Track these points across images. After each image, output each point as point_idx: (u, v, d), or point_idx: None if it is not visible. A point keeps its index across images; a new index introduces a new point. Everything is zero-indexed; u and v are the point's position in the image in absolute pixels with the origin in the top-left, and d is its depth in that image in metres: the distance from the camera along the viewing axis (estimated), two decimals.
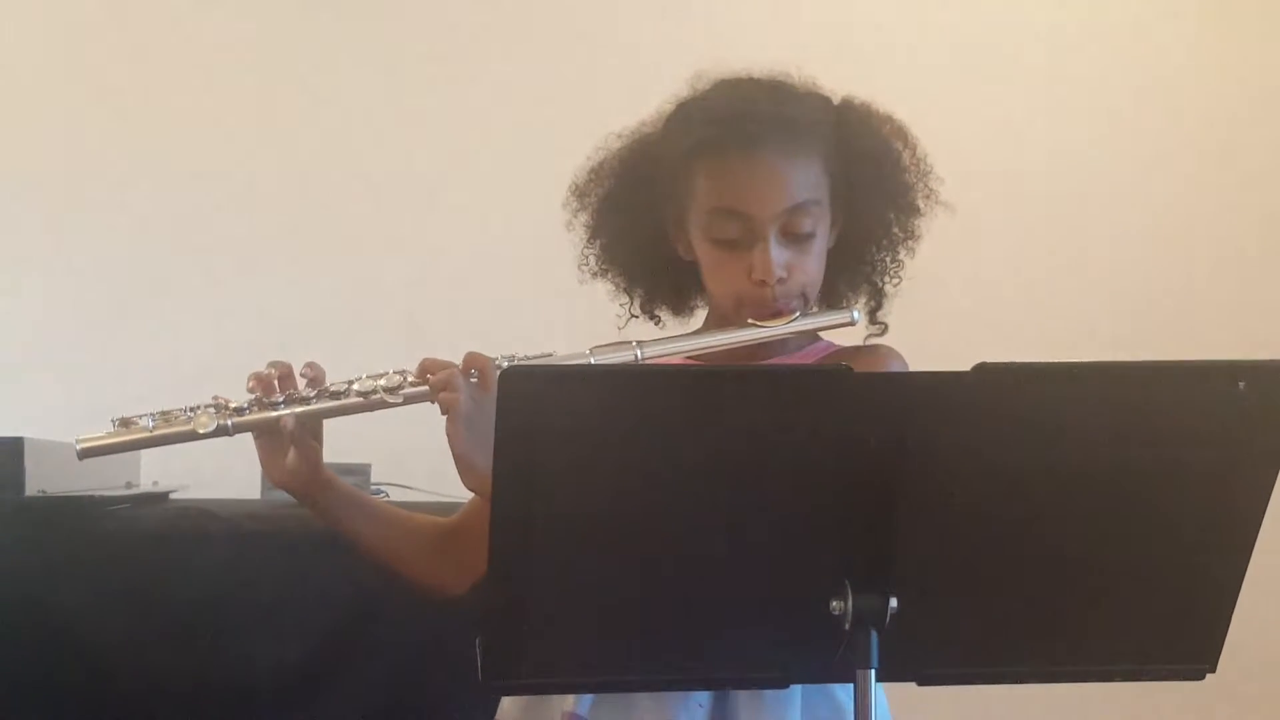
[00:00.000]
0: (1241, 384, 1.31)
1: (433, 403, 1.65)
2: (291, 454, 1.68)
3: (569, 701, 1.62)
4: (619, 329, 1.88)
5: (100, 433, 1.67)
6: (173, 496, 2.49)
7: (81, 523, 2.17)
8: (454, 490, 1.79)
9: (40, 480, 2.16)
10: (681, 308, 1.89)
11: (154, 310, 3.08)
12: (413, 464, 2.19)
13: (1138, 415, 1.33)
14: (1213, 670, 1.44)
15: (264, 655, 2.15)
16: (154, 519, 2.27)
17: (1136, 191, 3.17)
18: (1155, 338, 2.98)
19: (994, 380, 1.29)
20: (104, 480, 2.38)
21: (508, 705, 1.70)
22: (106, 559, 2.16)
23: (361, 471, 2.44)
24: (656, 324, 1.90)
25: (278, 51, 3.14)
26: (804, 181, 1.71)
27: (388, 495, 2.47)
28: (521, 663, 1.39)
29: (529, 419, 1.29)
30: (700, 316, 1.89)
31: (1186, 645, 1.42)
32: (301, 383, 1.68)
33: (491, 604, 1.36)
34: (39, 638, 2.11)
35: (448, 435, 1.61)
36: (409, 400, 1.66)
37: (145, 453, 2.59)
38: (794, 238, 1.72)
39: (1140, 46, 3.19)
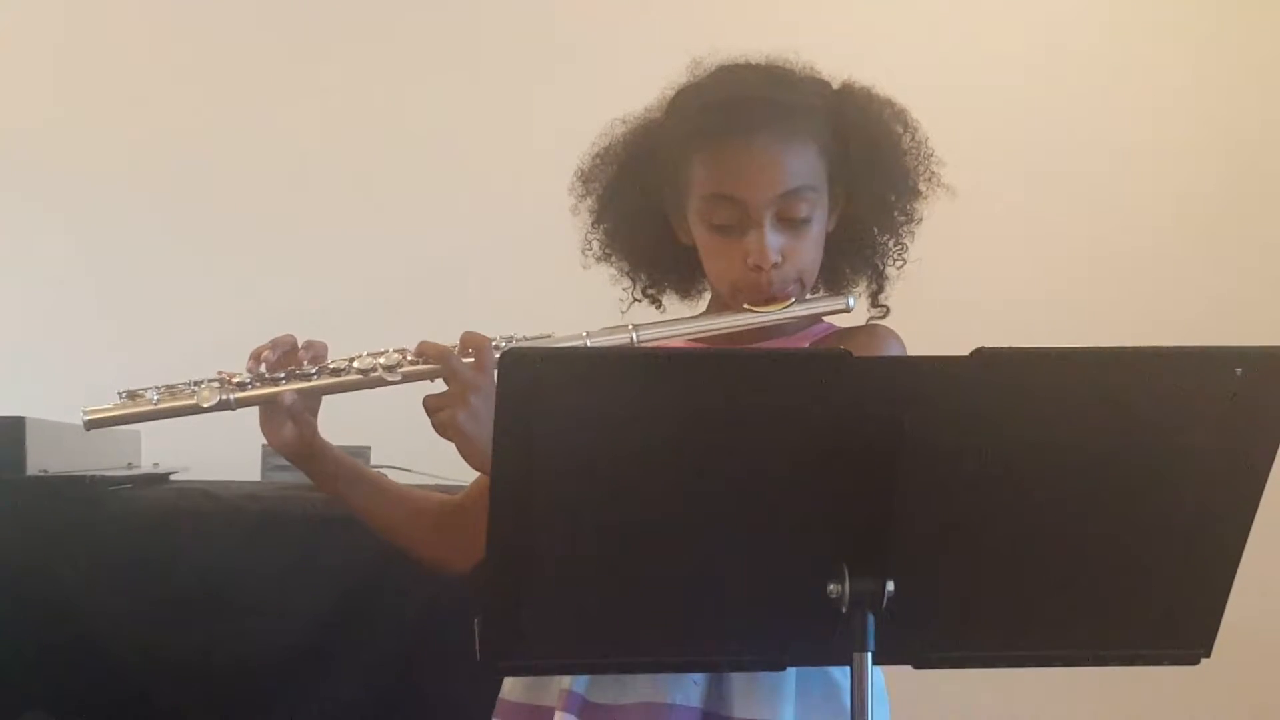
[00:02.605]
0: (1239, 370, 1.31)
1: (431, 380, 1.66)
2: (289, 424, 1.70)
3: (566, 680, 1.63)
4: (622, 313, 1.88)
5: (106, 404, 1.69)
6: (173, 477, 2.50)
7: (82, 503, 2.19)
8: (453, 473, 1.80)
9: (41, 460, 2.17)
10: (685, 292, 1.90)
11: (156, 293, 3.09)
12: (412, 446, 2.19)
13: (1135, 401, 1.33)
14: (1207, 655, 1.44)
15: (264, 634, 2.16)
16: (155, 499, 2.28)
17: (1137, 177, 3.17)
18: (1154, 323, 2.98)
19: (992, 365, 1.29)
20: (105, 461, 2.39)
21: (510, 683, 1.72)
22: (107, 539, 2.17)
23: (361, 454, 2.44)
24: (659, 308, 1.90)
25: (281, 42, 3.14)
26: (800, 167, 1.72)
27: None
28: (519, 643, 1.39)
29: (529, 401, 1.29)
30: (704, 301, 1.89)
31: (1182, 630, 1.43)
32: (304, 358, 1.69)
33: (490, 584, 1.37)
34: (39, 616, 2.12)
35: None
36: (408, 378, 1.67)
37: (146, 434, 2.62)
38: (790, 223, 1.72)
39: (1155, 31, 3.19)
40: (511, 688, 1.72)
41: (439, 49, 3.14)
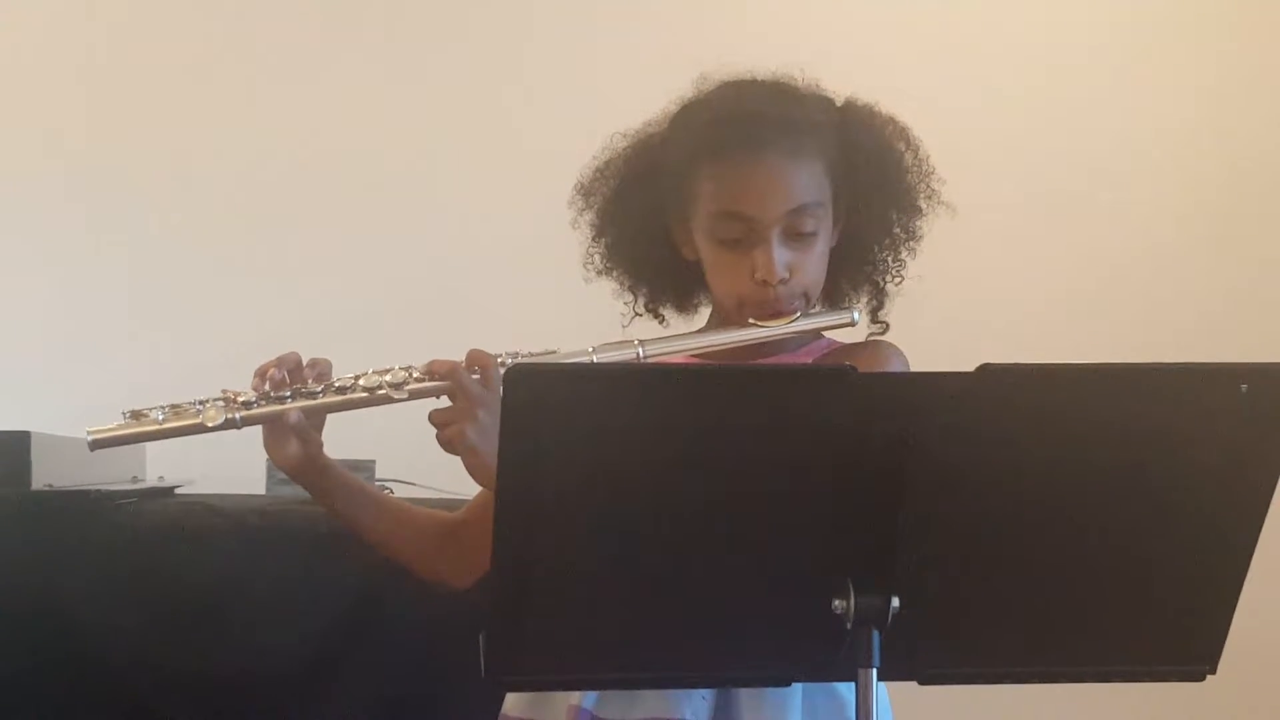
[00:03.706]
0: (1244, 386, 1.31)
1: (437, 397, 1.66)
2: (294, 442, 1.70)
3: (575, 696, 1.63)
4: (623, 327, 1.89)
5: (111, 424, 1.69)
6: (178, 491, 2.49)
7: (87, 517, 2.18)
8: (458, 487, 1.80)
9: (46, 474, 2.17)
10: (685, 307, 1.90)
11: (161, 306, 3.09)
12: (417, 460, 2.19)
13: (1140, 417, 1.33)
14: (1213, 671, 1.44)
15: (269, 649, 2.16)
16: (159, 514, 2.27)
17: (1142, 193, 3.17)
18: (1158, 340, 2.97)
19: (997, 381, 1.30)
20: (110, 475, 2.39)
21: (513, 699, 1.71)
22: (112, 553, 2.17)
23: (366, 468, 2.44)
24: (660, 322, 1.90)
25: (284, 52, 3.15)
26: (807, 183, 1.73)
27: (392, 491, 2.47)
28: (525, 658, 1.40)
29: (534, 417, 1.29)
30: (704, 315, 1.89)
31: (1187, 646, 1.43)
32: (309, 375, 1.70)
33: (495, 600, 1.37)
34: (44, 631, 2.12)
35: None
36: (414, 396, 1.68)
37: (151, 448, 2.62)
38: (796, 238, 1.73)
39: (1154, 46, 3.19)
40: (514, 703, 1.72)
41: (445, 59, 3.14)
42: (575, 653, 1.42)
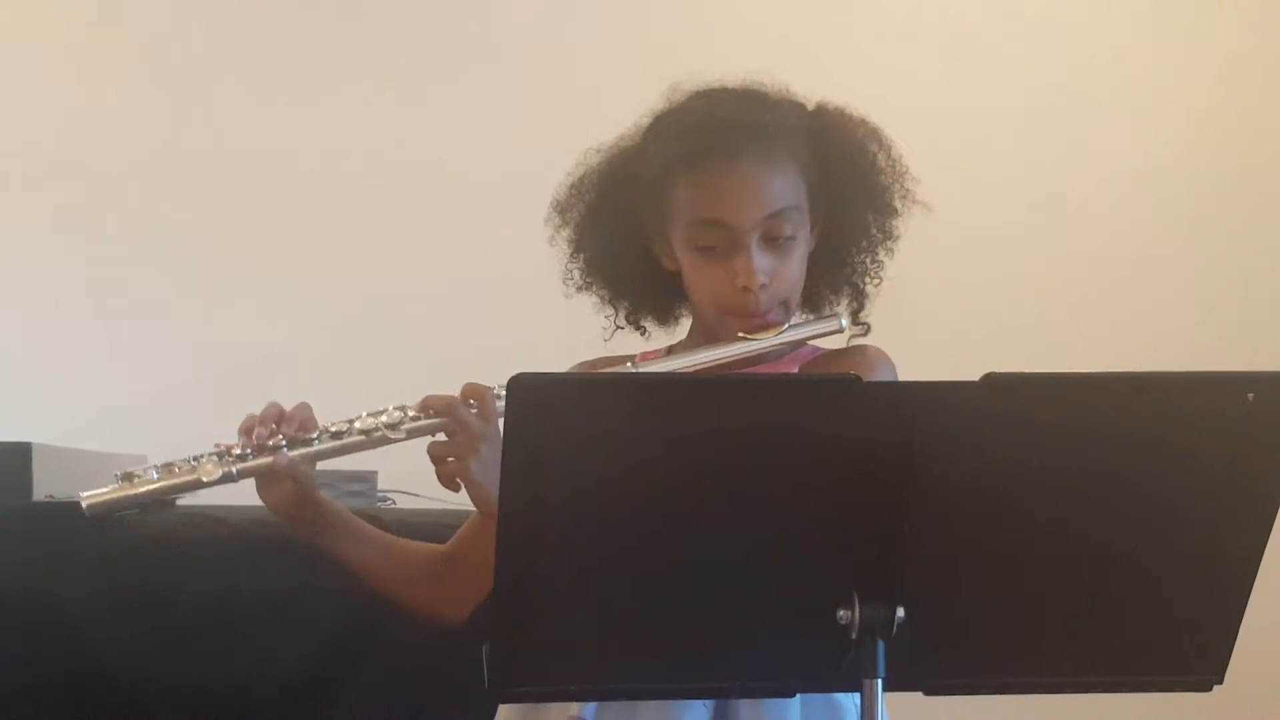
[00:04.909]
0: (1251, 395, 1.31)
1: (433, 435, 1.66)
2: (287, 483, 1.70)
3: (573, 706, 1.62)
4: (605, 341, 1.89)
5: (105, 489, 1.69)
6: (180, 502, 2.49)
7: (89, 528, 2.17)
8: (460, 498, 1.80)
9: (47, 485, 2.17)
10: (666, 318, 1.91)
11: (162, 317, 3.08)
12: (419, 471, 2.19)
13: (1146, 426, 1.33)
14: (1220, 681, 1.44)
15: (270, 660, 2.15)
16: (161, 524, 2.27)
17: (1147, 199, 3.16)
18: (1164, 348, 2.97)
19: (1002, 390, 1.30)
20: None
21: (506, 710, 1.71)
22: (113, 564, 2.17)
23: (368, 479, 2.44)
24: (642, 335, 1.91)
25: (269, 64, 3.15)
26: (782, 188, 1.73)
27: (394, 502, 2.47)
28: (528, 670, 1.39)
29: (537, 426, 1.29)
30: (685, 327, 1.90)
31: (1194, 655, 1.42)
32: (294, 424, 1.69)
33: (499, 611, 1.37)
34: (45, 642, 2.11)
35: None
36: (412, 435, 1.68)
37: (152, 458, 2.61)
38: (775, 244, 1.74)
39: (1157, 45, 3.19)
40: (508, 715, 1.72)
41: (414, 82, 3.14)
42: (579, 664, 1.41)
